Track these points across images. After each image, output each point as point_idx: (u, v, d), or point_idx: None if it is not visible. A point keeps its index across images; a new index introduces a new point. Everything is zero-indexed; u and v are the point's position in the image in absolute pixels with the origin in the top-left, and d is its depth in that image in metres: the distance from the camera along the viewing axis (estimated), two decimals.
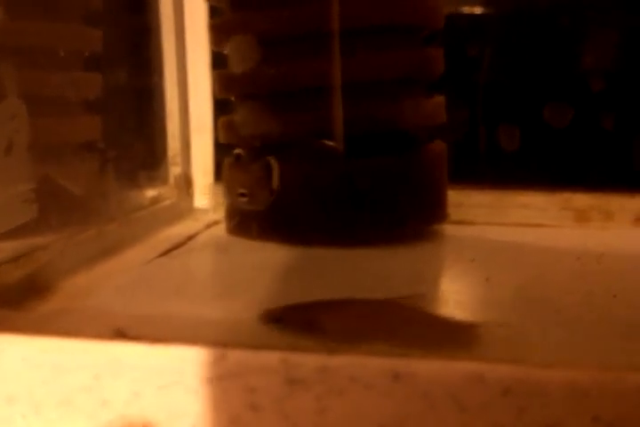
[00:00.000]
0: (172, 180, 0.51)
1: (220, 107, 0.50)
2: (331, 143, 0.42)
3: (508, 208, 0.52)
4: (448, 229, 0.49)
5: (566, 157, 0.53)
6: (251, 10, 0.42)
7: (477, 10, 0.54)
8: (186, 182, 0.52)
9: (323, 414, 0.21)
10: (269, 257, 0.41)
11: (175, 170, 0.52)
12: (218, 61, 0.49)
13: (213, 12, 0.49)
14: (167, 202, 0.50)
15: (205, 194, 0.54)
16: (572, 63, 0.52)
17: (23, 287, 0.31)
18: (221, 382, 0.22)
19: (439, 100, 0.46)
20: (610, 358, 0.20)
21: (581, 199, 0.51)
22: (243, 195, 0.33)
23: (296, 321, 0.24)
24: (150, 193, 0.49)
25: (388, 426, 0.21)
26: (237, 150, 0.40)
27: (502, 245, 0.45)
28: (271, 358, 0.21)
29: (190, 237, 0.46)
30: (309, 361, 0.21)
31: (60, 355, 0.23)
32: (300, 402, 0.21)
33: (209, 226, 0.50)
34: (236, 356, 0.22)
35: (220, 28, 0.44)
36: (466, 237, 0.48)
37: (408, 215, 0.45)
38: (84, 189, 0.39)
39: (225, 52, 0.45)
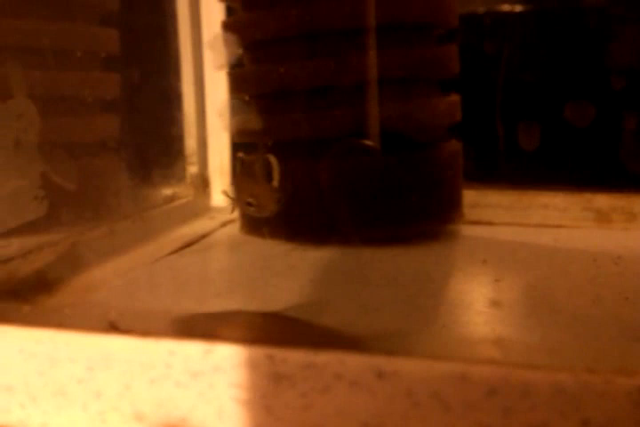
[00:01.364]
0: (188, 178, 0.52)
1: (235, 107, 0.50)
2: (369, 142, 0.41)
3: (528, 208, 0.51)
4: (464, 229, 0.49)
5: (588, 156, 0.52)
6: (263, 9, 0.42)
7: (498, 7, 0.53)
8: (202, 181, 0.52)
9: (307, 410, 0.21)
10: (279, 256, 0.41)
11: (192, 169, 0.52)
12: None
13: (229, 12, 0.50)
14: (183, 200, 0.51)
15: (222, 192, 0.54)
16: (594, 61, 0.50)
17: (32, 282, 0.31)
18: (209, 376, 0.22)
19: (454, 98, 0.45)
20: (597, 360, 0.19)
21: (603, 200, 0.49)
22: (249, 204, 0.33)
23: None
24: (166, 191, 0.50)
25: (372, 424, 0.21)
26: (240, 154, 0.41)
27: (518, 246, 0.44)
28: (257, 353, 0.21)
29: (204, 236, 0.46)
30: (295, 357, 0.21)
31: (55, 347, 0.23)
32: (286, 398, 0.21)
33: (224, 224, 0.50)
34: (223, 351, 0.22)
35: (232, 28, 0.44)
36: (482, 237, 0.47)
37: (421, 215, 0.44)
38: (98, 187, 0.40)
39: (239, 51, 0.46)
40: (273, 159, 0.33)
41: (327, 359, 0.21)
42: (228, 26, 0.44)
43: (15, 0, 0.38)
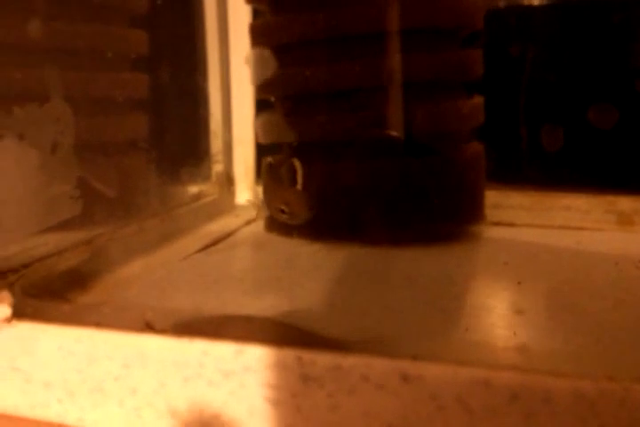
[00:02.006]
0: (214, 177, 0.53)
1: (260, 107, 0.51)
2: (393, 133, 0.42)
3: (550, 210, 0.51)
4: (486, 230, 0.49)
5: (611, 158, 0.52)
6: (290, 12, 0.43)
7: (521, 9, 0.53)
8: (227, 180, 0.53)
9: (334, 411, 0.22)
10: (304, 255, 0.42)
11: (217, 167, 0.53)
12: None
13: (256, 14, 0.50)
14: (209, 198, 0.52)
15: (247, 191, 0.55)
16: (619, 63, 0.50)
17: (66, 280, 0.33)
18: (240, 376, 0.23)
19: (477, 101, 0.46)
20: (613, 368, 0.20)
21: (625, 202, 0.49)
22: (283, 211, 0.33)
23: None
24: (193, 190, 0.51)
25: (396, 425, 0.21)
26: (269, 159, 0.41)
27: (539, 248, 0.44)
28: (287, 355, 0.22)
29: (229, 234, 0.47)
30: (323, 359, 0.22)
31: (93, 345, 0.25)
32: (314, 398, 0.22)
33: (248, 222, 0.51)
34: (254, 352, 0.22)
35: (258, 30, 0.45)
36: (503, 238, 0.48)
37: (443, 216, 0.45)
38: (128, 186, 0.41)
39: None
40: (297, 163, 0.33)
41: (354, 362, 0.22)
42: (254, 29, 0.45)
43: (50, 3, 0.39)
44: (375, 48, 0.42)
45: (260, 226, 0.49)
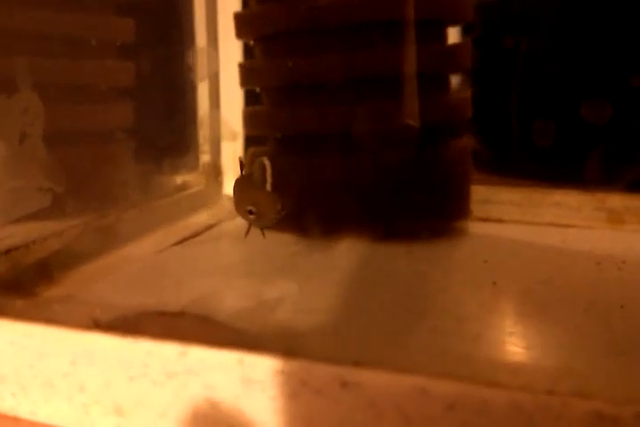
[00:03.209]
0: (201, 167, 0.53)
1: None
2: (411, 121, 0.41)
3: (540, 206, 0.51)
4: (473, 226, 0.48)
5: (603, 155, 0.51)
6: (273, 1, 0.42)
7: (516, 1, 0.52)
8: (214, 170, 0.53)
9: (276, 415, 0.22)
10: (282, 249, 0.42)
11: (204, 158, 0.53)
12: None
13: (245, 3, 0.50)
14: (194, 189, 0.51)
15: None
16: (613, 58, 0.49)
17: (34, 273, 0.33)
18: (183, 377, 0.23)
19: (464, 95, 0.45)
20: (565, 379, 0.19)
21: (616, 200, 0.48)
22: (251, 212, 0.32)
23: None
24: (177, 180, 0.50)
25: None
26: (240, 157, 0.41)
27: (523, 246, 0.44)
28: (229, 357, 0.22)
29: (212, 226, 0.47)
30: (265, 363, 0.22)
31: (43, 341, 0.25)
32: (256, 401, 0.22)
33: (234, 214, 0.51)
34: (197, 353, 0.22)
35: (243, 20, 0.44)
36: (489, 235, 0.47)
37: (428, 211, 0.44)
38: (106, 176, 0.41)
39: (250, 43, 0.46)
40: (267, 162, 0.33)
41: (294, 367, 0.21)
42: (239, 18, 0.45)
43: None
44: (359, 40, 0.41)
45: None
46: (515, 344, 0.27)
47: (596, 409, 0.18)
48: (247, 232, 0.35)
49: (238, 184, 0.35)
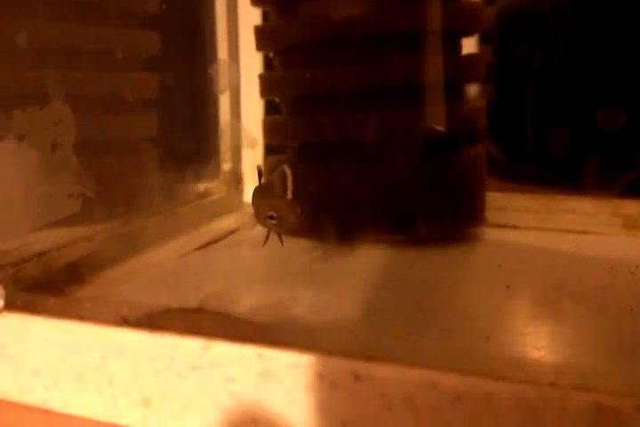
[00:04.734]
0: (222, 175, 0.54)
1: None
2: (439, 127, 0.42)
3: (555, 213, 0.51)
4: (488, 232, 0.49)
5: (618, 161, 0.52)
6: (293, 15, 0.44)
7: (530, 11, 0.53)
8: (235, 178, 0.55)
9: (293, 406, 0.23)
10: (301, 255, 0.43)
11: (226, 166, 0.54)
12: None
13: (265, 16, 0.51)
14: (216, 196, 0.53)
15: None
16: (628, 65, 0.50)
17: (64, 275, 0.34)
18: (205, 370, 0.24)
19: (479, 104, 0.46)
20: (569, 374, 0.20)
21: (631, 206, 0.49)
22: (271, 217, 0.33)
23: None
24: (200, 188, 0.52)
25: (350, 422, 0.22)
26: (259, 165, 0.42)
27: (537, 252, 0.44)
28: (249, 351, 0.23)
29: (232, 232, 0.49)
30: (282, 357, 0.23)
31: (74, 336, 0.26)
32: (274, 392, 0.23)
33: (253, 220, 0.52)
34: (219, 348, 0.24)
35: (262, 33, 0.46)
36: (504, 241, 0.48)
37: (444, 217, 0.45)
38: (132, 184, 0.42)
39: (270, 55, 0.47)
40: (288, 170, 0.34)
41: (310, 360, 0.22)
42: (259, 31, 0.46)
43: (59, 6, 0.40)
44: (375, 51, 0.42)
45: None
46: (524, 343, 0.28)
47: (597, 401, 0.19)
48: (266, 239, 0.36)
49: (257, 192, 0.36)
